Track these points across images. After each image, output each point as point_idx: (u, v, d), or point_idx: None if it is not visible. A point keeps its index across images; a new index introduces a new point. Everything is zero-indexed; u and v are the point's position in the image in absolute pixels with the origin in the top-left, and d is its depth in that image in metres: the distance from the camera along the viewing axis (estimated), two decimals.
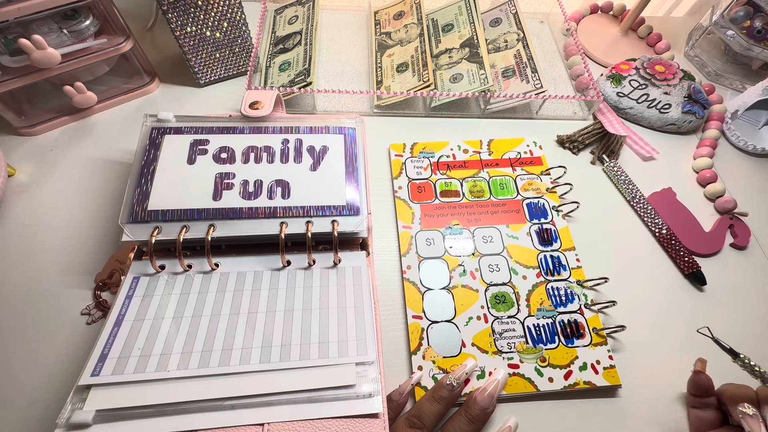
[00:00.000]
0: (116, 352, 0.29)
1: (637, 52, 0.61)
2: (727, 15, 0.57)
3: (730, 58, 0.61)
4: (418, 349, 0.36)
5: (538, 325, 0.37)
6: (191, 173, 0.36)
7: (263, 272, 0.34)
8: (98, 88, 0.47)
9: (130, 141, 0.46)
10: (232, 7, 0.46)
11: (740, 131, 0.53)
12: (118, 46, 0.44)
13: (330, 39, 0.59)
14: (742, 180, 0.50)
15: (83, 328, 0.35)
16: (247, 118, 0.40)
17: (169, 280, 0.33)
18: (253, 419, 0.27)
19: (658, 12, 0.77)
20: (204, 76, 0.51)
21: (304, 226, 0.35)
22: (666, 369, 0.37)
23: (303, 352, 0.30)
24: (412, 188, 0.45)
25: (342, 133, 0.40)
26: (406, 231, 0.42)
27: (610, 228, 0.45)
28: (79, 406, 0.27)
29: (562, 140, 0.51)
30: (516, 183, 0.45)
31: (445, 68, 0.53)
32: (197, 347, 0.30)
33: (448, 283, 0.39)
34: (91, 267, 0.38)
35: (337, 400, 0.28)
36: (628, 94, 0.53)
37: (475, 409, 0.31)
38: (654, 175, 0.49)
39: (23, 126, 0.45)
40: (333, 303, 0.33)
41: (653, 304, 0.41)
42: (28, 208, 0.41)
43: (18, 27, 0.39)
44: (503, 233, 0.42)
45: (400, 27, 0.56)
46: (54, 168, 0.44)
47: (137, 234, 0.33)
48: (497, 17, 0.58)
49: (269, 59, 0.53)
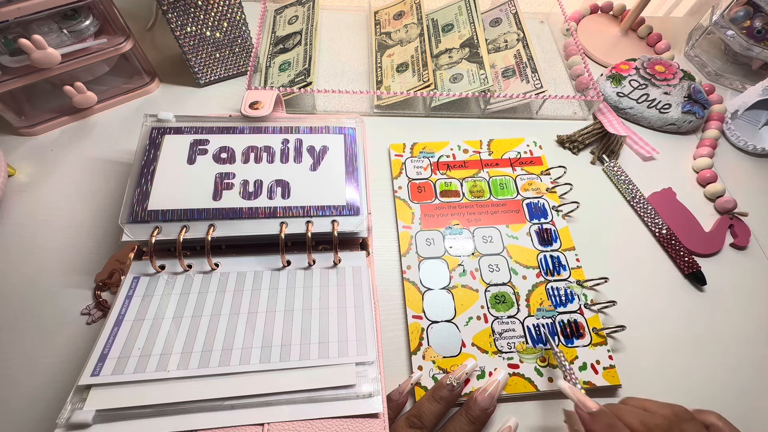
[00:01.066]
0: (116, 352, 0.29)
1: (637, 52, 0.61)
2: (727, 15, 0.57)
3: (730, 58, 0.61)
4: (418, 349, 0.35)
5: (538, 325, 0.37)
6: (191, 173, 0.36)
7: (263, 272, 0.34)
8: (98, 88, 0.47)
9: (130, 141, 0.46)
10: (232, 7, 0.46)
11: (740, 131, 0.53)
12: (118, 46, 0.44)
13: (330, 39, 0.59)
14: (742, 180, 0.50)
15: (83, 328, 0.35)
16: (247, 118, 0.40)
17: (169, 280, 0.33)
18: (252, 419, 0.27)
19: (658, 12, 0.77)
20: (204, 76, 0.51)
21: (304, 226, 0.35)
22: (666, 369, 0.37)
23: (303, 352, 0.30)
24: (412, 188, 0.45)
25: (342, 133, 0.40)
26: (406, 231, 0.42)
27: (610, 228, 0.45)
28: (79, 406, 0.27)
29: (562, 140, 0.51)
30: (516, 183, 0.45)
31: (445, 68, 0.53)
32: (197, 347, 0.30)
33: (448, 283, 0.39)
34: (91, 267, 0.38)
35: (337, 400, 0.28)
36: (628, 94, 0.53)
37: (476, 410, 0.31)
38: (654, 175, 0.49)
39: (23, 126, 0.45)
40: (333, 303, 0.33)
41: (653, 304, 0.41)
42: (28, 208, 0.41)
43: (18, 27, 0.39)
44: (503, 233, 0.42)
45: (400, 27, 0.56)
46: (54, 168, 0.44)
47: (137, 234, 0.33)
48: (497, 17, 0.58)
49: (269, 59, 0.53)
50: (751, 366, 0.38)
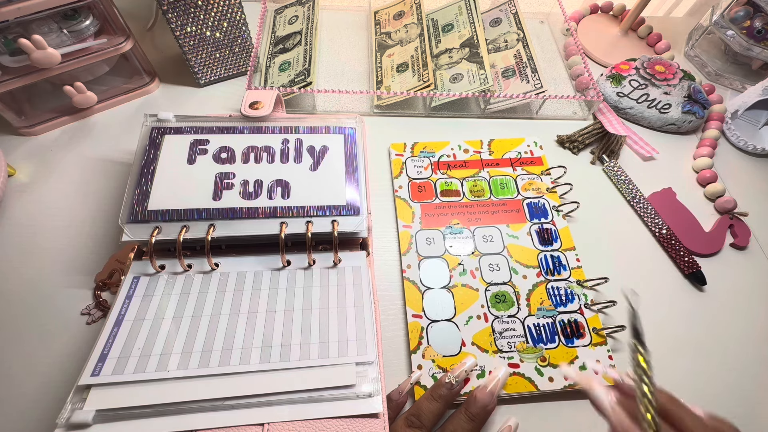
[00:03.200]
0: (116, 352, 0.29)
1: (637, 52, 0.61)
2: (727, 15, 0.57)
3: (730, 58, 0.61)
4: (417, 348, 0.35)
5: (538, 325, 0.37)
6: (191, 173, 0.36)
7: (263, 272, 0.34)
8: (98, 88, 0.47)
9: (130, 141, 0.46)
10: (232, 7, 0.46)
11: (740, 131, 0.53)
12: (118, 46, 0.44)
13: (330, 39, 0.59)
14: (742, 180, 0.50)
15: (83, 328, 0.35)
16: (247, 118, 0.40)
17: (169, 280, 0.33)
18: (252, 419, 0.27)
19: (658, 12, 0.77)
20: (204, 76, 0.51)
21: (304, 226, 0.35)
22: (666, 369, 0.37)
23: (303, 352, 0.30)
24: (412, 188, 0.45)
25: (342, 133, 0.40)
26: (406, 230, 0.42)
27: (610, 228, 0.45)
28: (79, 406, 0.27)
29: (562, 140, 0.51)
30: (516, 183, 0.45)
31: (445, 68, 0.53)
32: (197, 347, 0.30)
33: (448, 282, 0.39)
34: (91, 267, 0.38)
35: (337, 400, 0.28)
36: (628, 94, 0.53)
37: (476, 407, 0.31)
38: (654, 175, 0.49)
39: (23, 126, 0.45)
40: (333, 303, 0.33)
41: (653, 304, 0.40)
42: (28, 208, 0.41)
43: (18, 27, 0.39)
44: (503, 233, 0.42)
45: (400, 27, 0.56)
46: (54, 168, 0.44)
47: (137, 234, 0.33)
48: (497, 17, 0.58)
49: (269, 59, 0.53)
50: (750, 366, 0.38)
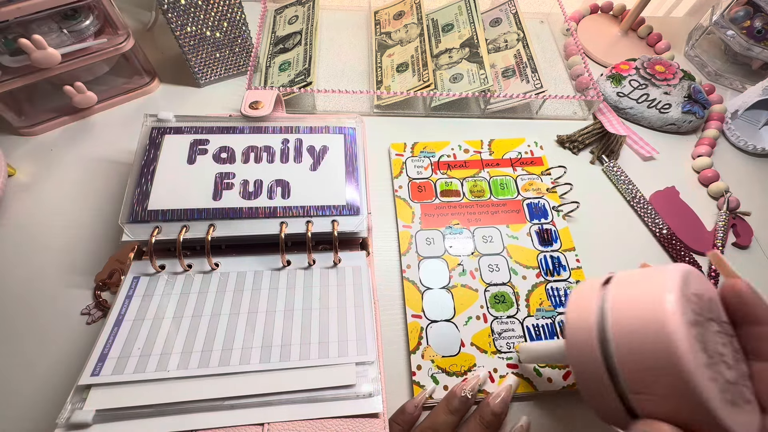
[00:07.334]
0: (116, 351, 0.29)
1: (637, 52, 0.61)
2: (727, 15, 0.57)
3: (730, 58, 0.61)
4: (417, 348, 0.35)
5: (537, 326, 0.37)
6: (191, 173, 0.36)
7: (263, 272, 0.34)
8: (98, 88, 0.47)
9: (130, 141, 0.46)
10: (232, 7, 0.46)
11: (740, 131, 0.53)
12: (118, 46, 0.44)
13: (330, 39, 0.59)
14: (742, 180, 0.50)
15: (83, 328, 0.35)
16: (247, 118, 0.40)
17: (169, 279, 0.33)
18: (253, 419, 0.27)
19: (658, 12, 0.77)
20: (204, 76, 0.51)
21: (304, 225, 0.35)
22: None
23: (303, 351, 0.30)
24: (412, 187, 0.45)
25: (342, 132, 0.40)
26: (406, 230, 0.42)
27: (610, 228, 0.45)
28: (79, 405, 0.27)
29: (562, 140, 0.51)
30: (516, 183, 0.45)
31: (445, 68, 0.53)
32: (197, 347, 0.30)
33: (447, 282, 0.39)
34: (91, 267, 0.38)
35: (337, 400, 0.28)
36: (628, 94, 0.53)
37: (490, 416, 0.31)
38: (654, 175, 0.49)
39: (23, 126, 0.45)
40: (333, 303, 0.33)
41: None
42: (28, 208, 0.41)
43: (18, 27, 0.39)
44: (503, 233, 0.42)
45: (400, 27, 0.56)
46: (54, 168, 0.44)
47: (137, 234, 0.33)
48: (497, 17, 0.58)
49: (269, 59, 0.53)
50: None
